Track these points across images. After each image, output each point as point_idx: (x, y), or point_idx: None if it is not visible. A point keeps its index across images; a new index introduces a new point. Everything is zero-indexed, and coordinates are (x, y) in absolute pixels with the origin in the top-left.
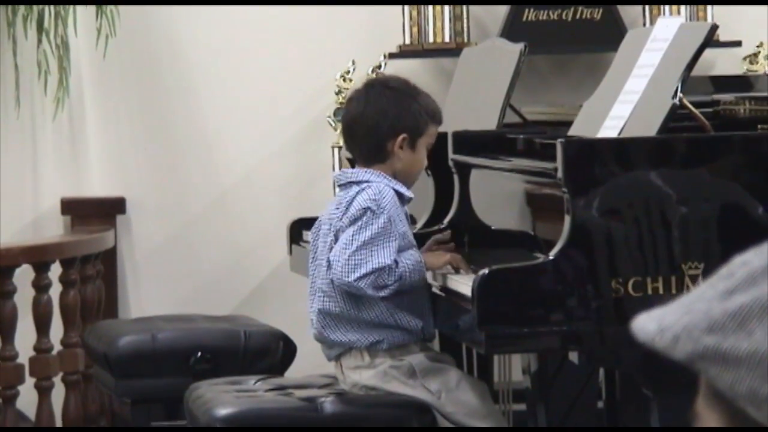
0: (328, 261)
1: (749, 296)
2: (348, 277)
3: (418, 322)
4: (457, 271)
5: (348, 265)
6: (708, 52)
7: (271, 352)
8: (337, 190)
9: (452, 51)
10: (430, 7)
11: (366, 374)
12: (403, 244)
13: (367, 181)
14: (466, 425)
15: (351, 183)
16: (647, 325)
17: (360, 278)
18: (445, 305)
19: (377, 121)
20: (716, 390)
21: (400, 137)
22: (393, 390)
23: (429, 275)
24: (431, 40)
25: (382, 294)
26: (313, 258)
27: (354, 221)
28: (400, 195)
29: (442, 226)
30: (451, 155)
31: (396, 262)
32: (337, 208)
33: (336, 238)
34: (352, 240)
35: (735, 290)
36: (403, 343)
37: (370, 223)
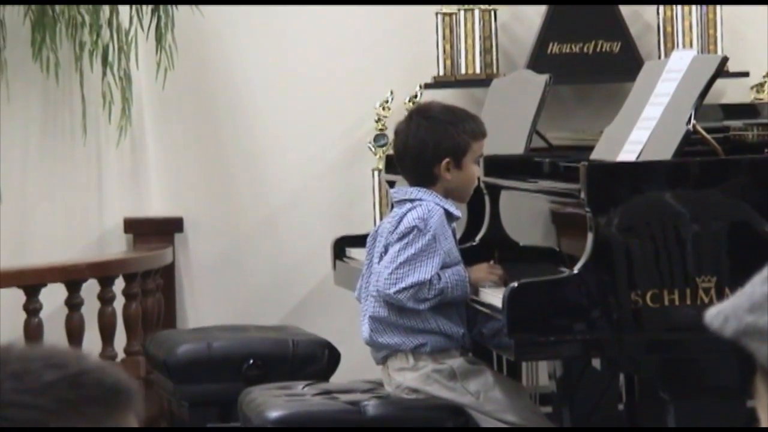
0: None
1: None
2: (389, 290)
3: (460, 329)
4: (496, 283)
5: (390, 279)
6: (718, 82)
7: (317, 359)
8: (394, 206)
9: (483, 81)
10: (462, 40)
11: (409, 376)
12: (449, 260)
13: (419, 200)
14: (506, 421)
15: (405, 200)
16: (711, 311)
17: (399, 291)
18: (478, 315)
19: (420, 151)
20: (761, 364)
21: (444, 161)
22: (434, 393)
23: None
24: (463, 71)
25: (422, 306)
26: (368, 266)
27: (401, 237)
28: (449, 214)
29: (475, 243)
30: (482, 177)
31: (439, 276)
32: (390, 222)
33: (386, 250)
34: (398, 256)
35: None
36: (445, 348)
37: (415, 240)
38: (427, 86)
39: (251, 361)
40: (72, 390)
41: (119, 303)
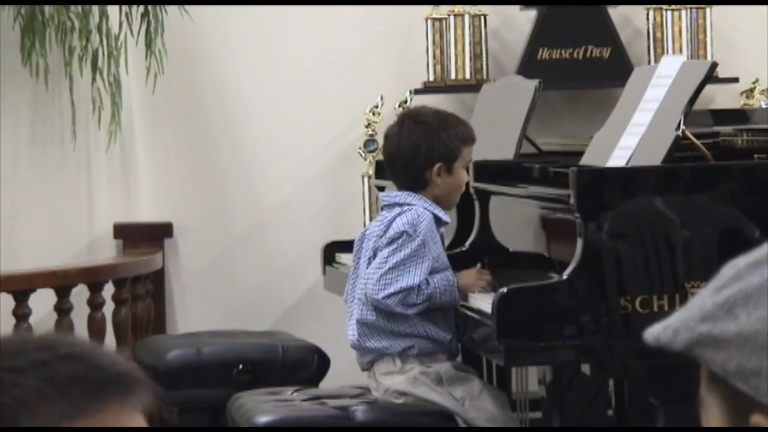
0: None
1: (735, 288)
2: (377, 294)
3: (447, 335)
4: (485, 289)
5: (379, 283)
6: (708, 88)
7: (306, 365)
8: (383, 209)
9: (472, 87)
10: (452, 46)
11: (397, 379)
12: (437, 265)
13: (409, 204)
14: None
15: (394, 204)
16: (654, 329)
17: (388, 296)
18: (468, 321)
19: (412, 155)
20: (713, 373)
21: (436, 166)
22: (421, 395)
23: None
24: (453, 77)
25: (410, 311)
26: (355, 268)
27: (390, 242)
28: (438, 219)
29: (464, 248)
30: (472, 183)
31: (427, 282)
32: (379, 227)
33: (374, 255)
34: (386, 260)
35: (724, 286)
36: (433, 352)
37: (404, 245)
38: (417, 92)
39: (241, 367)
40: (58, 367)
41: (109, 308)
